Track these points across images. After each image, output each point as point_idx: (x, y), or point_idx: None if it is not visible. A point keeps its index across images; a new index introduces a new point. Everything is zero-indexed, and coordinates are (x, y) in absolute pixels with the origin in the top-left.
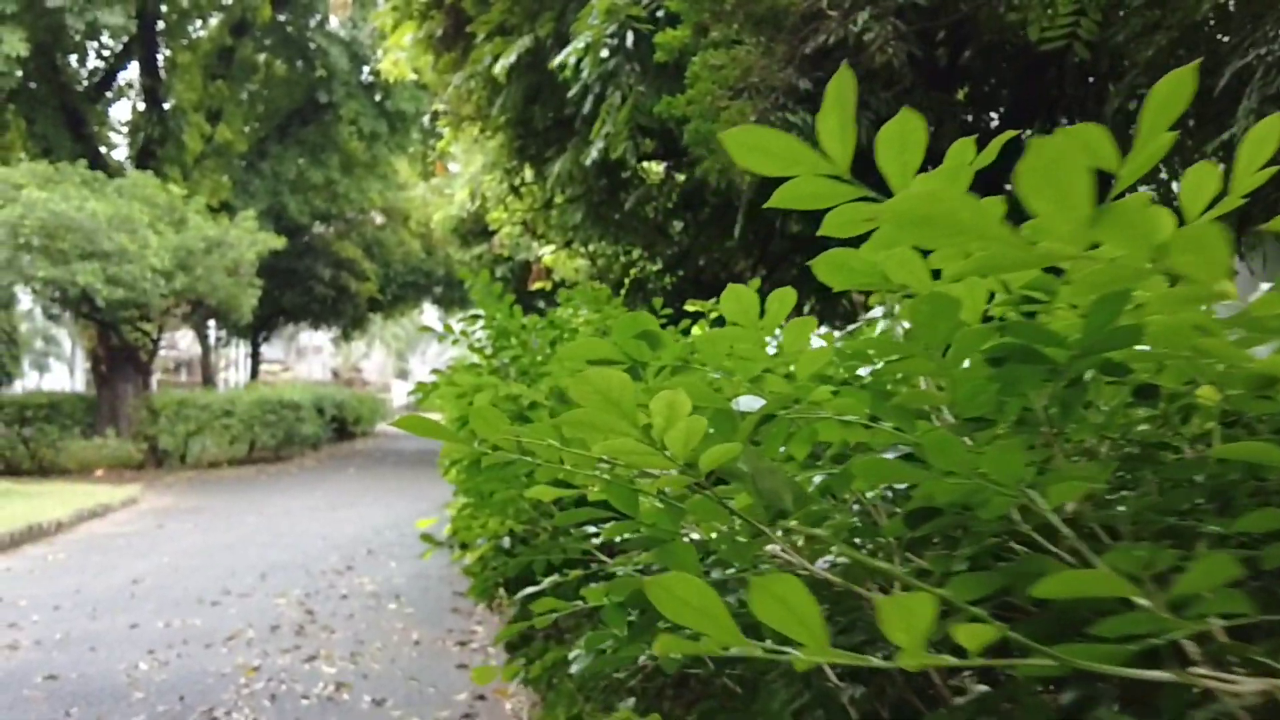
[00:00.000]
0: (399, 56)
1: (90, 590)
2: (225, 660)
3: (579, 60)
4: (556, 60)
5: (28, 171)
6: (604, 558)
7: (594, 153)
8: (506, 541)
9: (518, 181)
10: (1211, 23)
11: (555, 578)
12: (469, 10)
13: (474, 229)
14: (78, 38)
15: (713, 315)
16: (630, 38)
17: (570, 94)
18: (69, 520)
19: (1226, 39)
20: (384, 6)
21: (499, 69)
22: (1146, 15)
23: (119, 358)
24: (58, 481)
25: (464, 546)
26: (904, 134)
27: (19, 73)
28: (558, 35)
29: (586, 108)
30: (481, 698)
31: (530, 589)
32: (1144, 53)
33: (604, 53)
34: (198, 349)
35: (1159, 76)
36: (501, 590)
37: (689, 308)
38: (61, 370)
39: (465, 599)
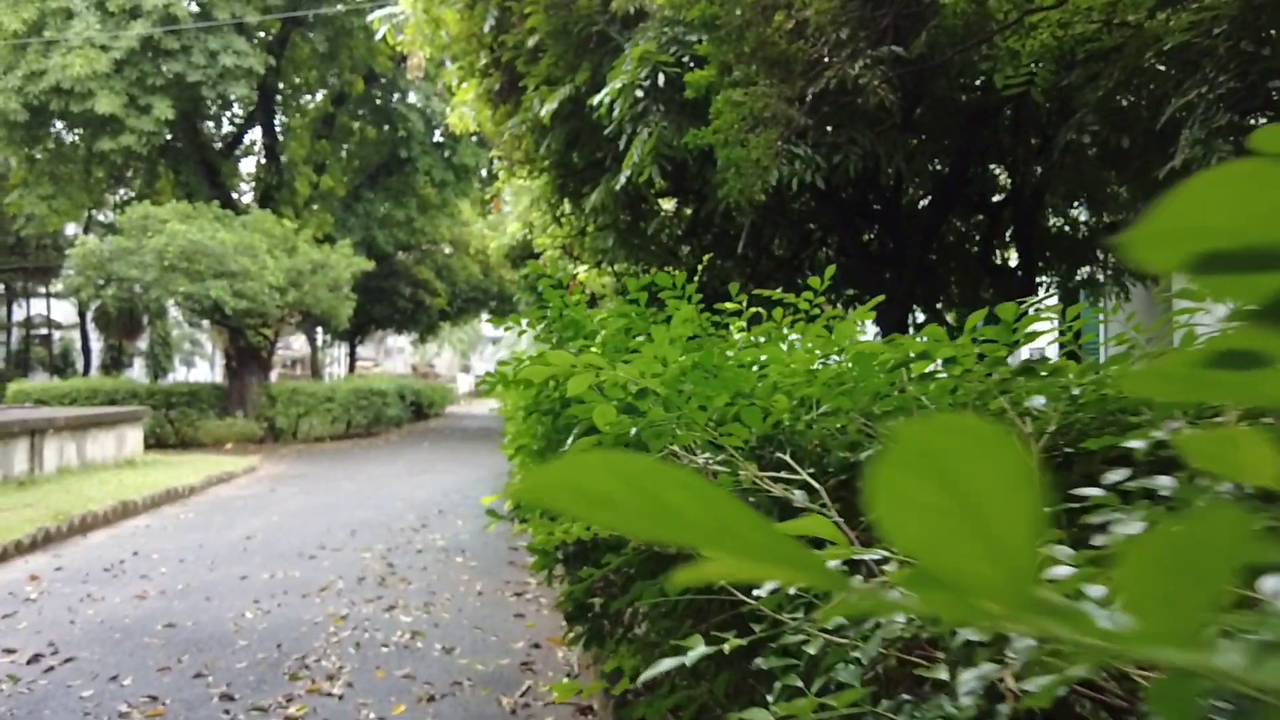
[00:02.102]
0: (464, 111)
1: (211, 545)
2: (318, 609)
3: (613, 101)
4: (596, 99)
5: (171, 210)
6: (743, 597)
7: (622, 179)
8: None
9: (559, 213)
10: (1147, 70)
11: (704, 649)
12: (521, 68)
13: (522, 254)
14: (213, 108)
15: (749, 313)
16: (661, 79)
17: (606, 132)
18: (200, 485)
19: (1161, 83)
20: (451, 67)
21: (544, 113)
22: (1090, 66)
23: (245, 355)
24: (195, 453)
25: (523, 520)
26: None
27: (168, 134)
28: (593, 84)
29: (622, 144)
30: (537, 646)
31: (666, 662)
32: (1092, 95)
33: (638, 94)
34: (308, 349)
35: (1108, 115)
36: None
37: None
38: (204, 366)
39: (520, 553)
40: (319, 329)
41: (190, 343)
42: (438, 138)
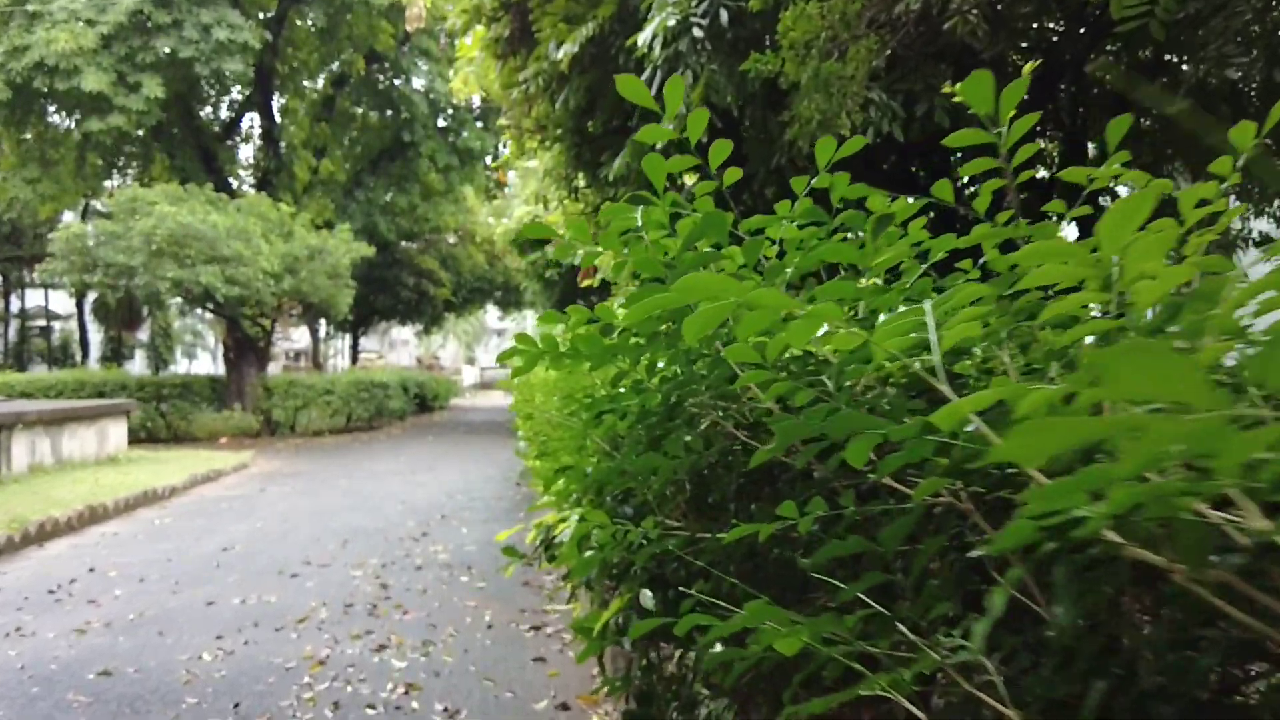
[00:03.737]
0: (468, 73)
1: (181, 559)
2: (292, 649)
3: (653, 39)
4: (640, 38)
5: (160, 192)
6: None
7: None
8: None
9: (573, 184)
10: None
11: None
12: (534, 8)
13: (530, 239)
14: (208, 89)
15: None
16: (724, 16)
17: (644, 77)
18: (183, 485)
19: None
20: (453, 9)
21: (561, 55)
22: None
23: (243, 346)
24: (187, 448)
25: (552, 559)
26: None
27: (162, 115)
28: (619, 21)
29: (653, 91)
30: (565, 706)
31: None
32: (1222, 25)
33: (696, 32)
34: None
35: (1249, 42)
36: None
37: None
38: (206, 358)
39: (534, 571)
40: (321, 320)
41: (192, 334)
42: (442, 122)
